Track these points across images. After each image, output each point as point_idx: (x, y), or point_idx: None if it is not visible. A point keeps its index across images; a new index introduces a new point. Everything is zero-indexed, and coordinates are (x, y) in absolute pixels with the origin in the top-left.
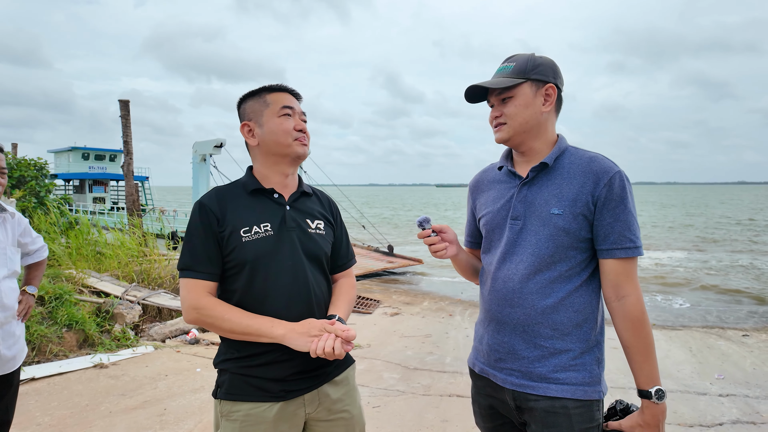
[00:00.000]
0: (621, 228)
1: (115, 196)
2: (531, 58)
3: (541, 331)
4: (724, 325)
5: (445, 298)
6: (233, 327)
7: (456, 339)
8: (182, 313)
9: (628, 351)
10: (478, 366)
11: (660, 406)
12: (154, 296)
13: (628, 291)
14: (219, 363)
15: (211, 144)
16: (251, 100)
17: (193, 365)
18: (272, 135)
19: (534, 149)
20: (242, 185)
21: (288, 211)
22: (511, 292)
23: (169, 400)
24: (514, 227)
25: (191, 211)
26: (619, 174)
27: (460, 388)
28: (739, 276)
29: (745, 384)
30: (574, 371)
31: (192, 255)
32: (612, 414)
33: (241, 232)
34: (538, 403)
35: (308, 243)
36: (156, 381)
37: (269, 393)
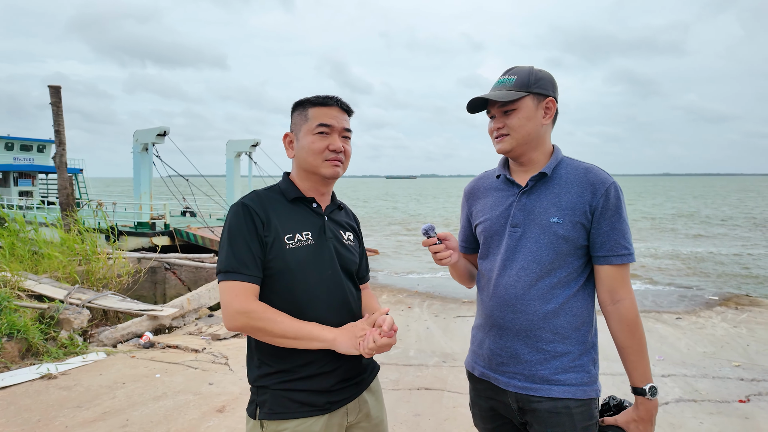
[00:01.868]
0: (617, 236)
1: (45, 189)
2: (532, 72)
3: (542, 335)
4: (659, 309)
5: (402, 290)
6: (286, 330)
7: (417, 331)
8: (225, 318)
9: (623, 351)
10: (478, 370)
11: (653, 402)
12: (101, 298)
13: (622, 295)
14: (257, 379)
15: (154, 132)
16: (298, 109)
17: (151, 371)
18: (304, 152)
19: (533, 159)
20: (281, 192)
21: (327, 221)
22: (513, 299)
23: (131, 410)
24: (513, 234)
25: (232, 212)
26: (614, 185)
27: (427, 381)
28: (668, 262)
29: (682, 364)
30: (574, 372)
31: (238, 257)
32: (606, 409)
33: (285, 239)
34: (541, 404)
35: (345, 254)
36: (113, 390)
37: (315, 407)
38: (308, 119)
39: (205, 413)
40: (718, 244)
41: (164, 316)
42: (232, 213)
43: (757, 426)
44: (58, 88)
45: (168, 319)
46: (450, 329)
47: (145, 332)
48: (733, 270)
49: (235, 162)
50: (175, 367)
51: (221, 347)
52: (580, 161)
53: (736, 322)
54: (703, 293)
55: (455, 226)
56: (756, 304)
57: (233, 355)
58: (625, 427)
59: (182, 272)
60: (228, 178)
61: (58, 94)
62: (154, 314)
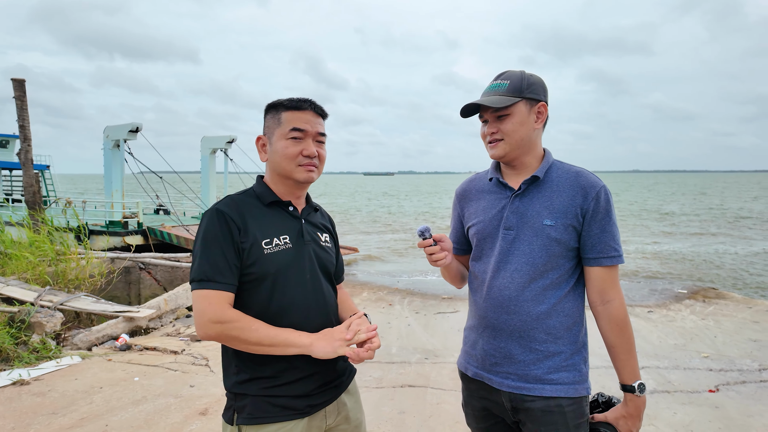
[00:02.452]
0: (607, 238)
1: (8, 186)
2: (524, 77)
3: (536, 335)
4: (631, 302)
5: (383, 287)
6: (261, 338)
7: (398, 328)
8: (198, 328)
9: (612, 350)
10: (471, 370)
11: (642, 398)
12: (73, 300)
13: (612, 296)
14: (235, 385)
15: (126, 129)
16: (271, 112)
17: (129, 374)
18: (277, 157)
19: (525, 163)
20: (257, 196)
21: (304, 224)
22: (507, 300)
23: (110, 415)
24: (507, 237)
25: (206, 218)
26: (604, 189)
27: (410, 378)
28: (638, 257)
29: (654, 356)
30: (566, 371)
31: (212, 265)
32: (595, 406)
33: (263, 244)
34: (535, 404)
35: (323, 256)
36: (90, 395)
37: (296, 410)
38: (281, 123)
39: (188, 416)
40: (684, 239)
41: (141, 317)
42: (206, 219)
43: (727, 414)
44: (22, 82)
45: (145, 321)
46: (431, 326)
47: (122, 334)
48: (700, 264)
49: (210, 159)
50: (154, 369)
51: (201, 348)
52: (570, 165)
53: (704, 315)
54: (672, 287)
55: (436, 222)
56: (722, 297)
57: (213, 356)
58: (615, 423)
59: (157, 272)
60: (203, 175)
61: (23, 87)
62: (131, 316)
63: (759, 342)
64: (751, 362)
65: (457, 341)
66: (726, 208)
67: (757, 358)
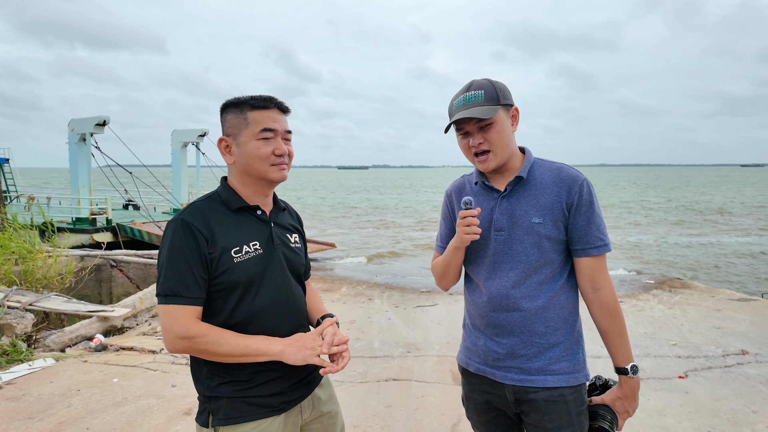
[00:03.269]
0: (593, 229)
1: None
2: (495, 84)
3: (535, 329)
4: None
5: (361, 282)
6: (230, 350)
7: (379, 323)
8: (165, 342)
9: (605, 335)
10: (473, 366)
11: (635, 380)
12: (43, 300)
13: (602, 283)
14: (209, 389)
15: (92, 122)
16: (232, 112)
17: (107, 375)
18: (248, 158)
19: (508, 165)
20: (223, 201)
21: (273, 228)
22: (505, 298)
23: (90, 418)
24: (499, 238)
25: (171, 229)
26: (586, 182)
27: (394, 372)
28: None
29: None
30: (565, 361)
31: (178, 279)
32: (593, 389)
33: (232, 253)
34: (538, 395)
35: (293, 258)
36: (68, 398)
37: (271, 408)
38: (249, 123)
39: (172, 417)
40: (650, 231)
41: (116, 316)
42: (171, 230)
43: (696, 399)
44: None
45: (120, 320)
46: (411, 319)
47: (96, 335)
48: (666, 254)
49: (182, 153)
50: (133, 370)
51: None
52: (551, 161)
53: (670, 304)
54: (640, 278)
55: (421, 218)
56: (687, 287)
57: None
58: (612, 404)
59: (130, 269)
60: (174, 169)
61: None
62: (105, 315)
63: (722, 329)
64: (715, 348)
65: (437, 334)
66: (691, 200)
67: (720, 344)
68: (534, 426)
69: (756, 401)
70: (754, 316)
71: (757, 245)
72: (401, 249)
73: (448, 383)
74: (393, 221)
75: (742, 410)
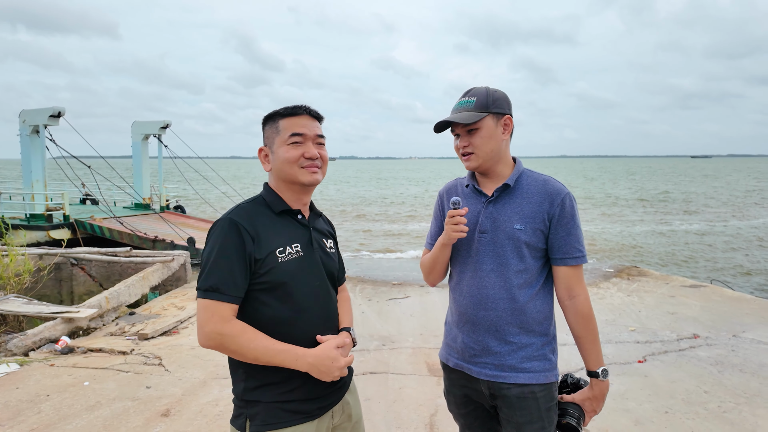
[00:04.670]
0: (572, 241)
1: None
2: (489, 93)
3: (510, 329)
4: None
5: None
6: (258, 356)
7: (353, 316)
8: (199, 336)
9: (579, 340)
10: (452, 361)
11: (605, 382)
12: (1, 302)
13: (578, 291)
14: (246, 392)
15: (46, 114)
16: (268, 124)
17: (77, 379)
18: (280, 163)
19: (497, 172)
20: (267, 204)
21: (312, 232)
22: (485, 298)
23: (63, 424)
24: (482, 240)
25: (218, 227)
26: (569, 195)
27: (371, 365)
28: None
29: None
30: (537, 361)
31: (221, 276)
32: (563, 386)
33: (277, 253)
34: (510, 391)
35: (329, 262)
36: (37, 404)
37: (306, 414)
38: (280, 131)
39: (149, 419)
40: (609, 220)
41: (81, 317)
42: (218, 228)
43: (654, 382)
44: None
45: (86, 321)
46: (384, 312)
47: (62, 337)
48: (623, 243)
49: (143, 145)
50: (104, 372)
51: (151, 347)
52: (539, 173)
53: (629, 291)
54: (601, 266)
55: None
56: (644, 275)
57: (166, 355)
58: (581, 404)
59: (92, 268)
60: (135, 162)
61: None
62: (70, 316)
63: (676, 315)
64: (670, 333)
65: (410, 326)
66: (648, 189)
67: (675, 329)
68: (507, 420)
69: (707, 382)
70: (704, 302)
71: (710, 234)
72: (373, 241)
73: (424, 374)
74: (365, 214)
75: (695, 391)
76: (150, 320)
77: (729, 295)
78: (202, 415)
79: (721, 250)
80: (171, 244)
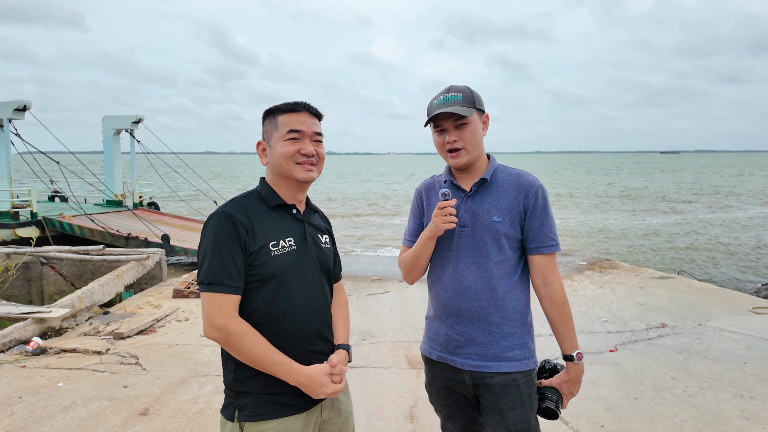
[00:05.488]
0: (546, 231)
1: None
2: (471, 91)
3: (493, 319)
4: None
5: None
6: (255, 360)
7: None
8: (205, 328)
9: (554, 326)
10: (435, 354)
11: (580, 365)
12: None
13: (552, 279)
14: (235, 383)
15: (10, 107)
16: (268, 118)
17: (50, 380)
18: (277, 158)
19: (475, 167)
20: (262, 198)
21: (307, 227)
22: (467, 290)
23: (38, 426)
24: (463, 233)
25: (214, 220)
26: (541, 188)
27: (351, 359)
28: None
29: None
30: (518, 349)
31: (221, 268)
32: (542, 372)
33: (270, 246)
34: (494, 379)
35: (323, 258)
36: (9, 406)
37: (295, 407)
38: (278, 126)
39: (128, 418)
40: (582, 214)
41: (54, 317)
42: (214, 222)
43: (625, 370)
44: None
45: (58, 321)
46: (364, 307)
47: (33, 337)
48: (596, 237)
49: (114, 140)
50: (79, 372)
51: (127, 346)
52: (512, 168)
53: (601, 284)
54: (574, 259)
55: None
56: (615, 267)
57: (143, 354)
58: (558, 387)
59: (63, 267)
60: (106, 157)
61: None
62: (41, 316)
63: (645, 305)
64: (640, 323)
65: (390, 320)
66: (618, 185)
67: (644, 319)
68: (490, 407)
69: (674, 368)
70: (671, 292)
71: (678, 225)
72: (351, 238)
73: (404, 368)
74: (341, 211)
75: (663, 377)
76: (125, 319)
77: (695, 285)
78: (181, 413)
79: (686, 241)
80: (145, 241)
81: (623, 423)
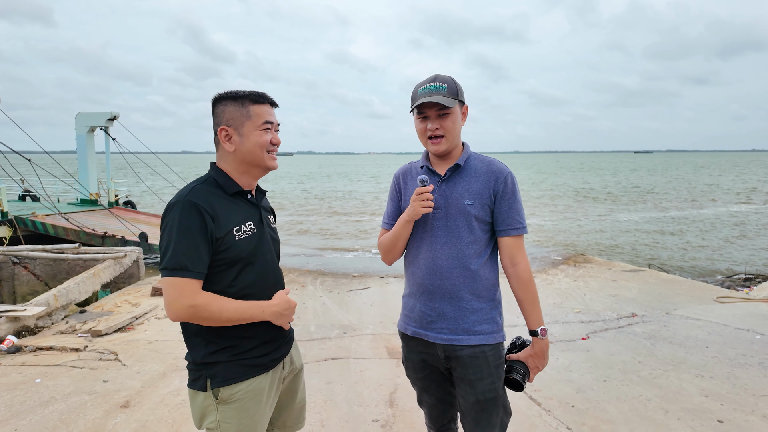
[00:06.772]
0: (514, 214)
1: None
2: (455, 82)
3: (463, 296)
4: None
5: (293, 270)
6: (230, 316)
7: (314, 308)
8: (170, 311)
9: (521, 303)
10: (410, 329)
11: (545, 341)
12: None
13: (519, 259)
14: (205, 357)
15: None
16: (232, 105)
17: (27, 377)
18: (250, 146)
19: (451, 154)
20: (219, 186)
21: (261, 210)
22: (440, 268)
23: (17, 420)
24: (437, 215)
25: (178, 209)
26: (510, 174)
27: (332, 351)
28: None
29: None
30: (487, 324)
31: (185, 254)
32: (513, 347)
33: (234, 231)
34: (464, 351)
35: (275, 237)
36: None
37: (262, 367)
38: (251, 116)
39: (109, 411)
40: (555, 212)
41: (28, 316)
42: (178, 210)
43: (595, 356)
44: None
45: (33, 319)
46: (345, 302)
47: (7, 336)
48: (571, 232)
49: (89, 138)
50: (57, 369)
51: (106, 343)
52: (484, 155)
53: (575, 277)
54: (550, 254)
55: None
56: (589, 261)
57: (122, 350)
58: (525, 360)
59: (36, 266)
60: (80, 156)
61: None
62: (16, 315)
63: (616, 297)
64: (611, 313)
65: (371, 315)
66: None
67: (615, 309)
68: (460, 378)
69: (641, 353)
70: (642, 284)
71: (648, 222)
72: (333, 235)
73: (384, 358)
74: (327, 209)
75: (630, 361)
76: (103, 318)
77: (664, 278)
78: (163, 405)
79: (658, 236)
80: (122, 240)
81: (592, 403)
